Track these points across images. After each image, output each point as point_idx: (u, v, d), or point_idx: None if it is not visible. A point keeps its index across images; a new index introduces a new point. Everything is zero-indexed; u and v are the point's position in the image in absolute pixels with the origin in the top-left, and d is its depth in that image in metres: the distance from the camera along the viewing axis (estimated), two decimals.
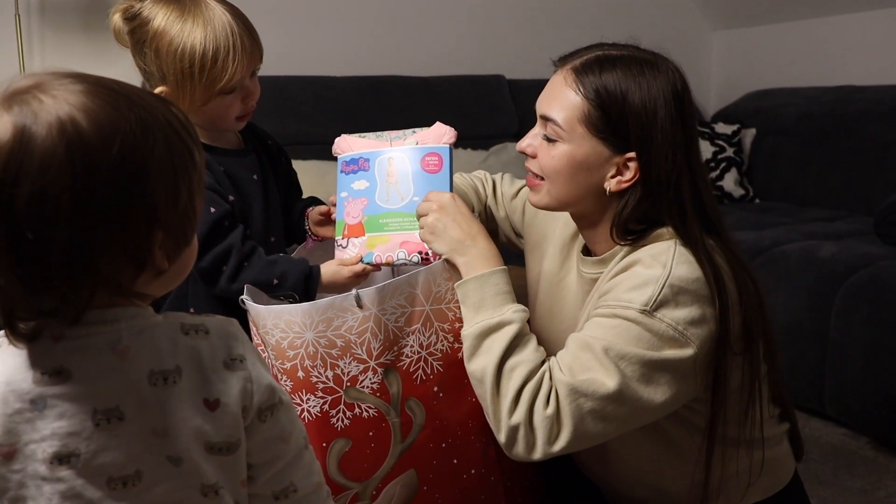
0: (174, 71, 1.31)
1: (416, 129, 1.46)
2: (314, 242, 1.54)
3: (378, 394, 1.24)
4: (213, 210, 1.32)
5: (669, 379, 1.16)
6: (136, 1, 1.34)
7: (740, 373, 1.22)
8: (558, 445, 1.16)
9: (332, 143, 1.47)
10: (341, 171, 1.44)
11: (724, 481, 1.28)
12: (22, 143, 0.72)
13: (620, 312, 1.16)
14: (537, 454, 1.17)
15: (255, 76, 1.40)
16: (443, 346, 1.27)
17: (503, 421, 1.18)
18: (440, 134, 1.44)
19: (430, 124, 1.49)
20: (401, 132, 1.46)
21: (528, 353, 1.20)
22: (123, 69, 1.27)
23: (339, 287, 1.35)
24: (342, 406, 1.23)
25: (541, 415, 1.16)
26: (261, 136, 1.54)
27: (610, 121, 1.20)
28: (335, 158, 1.47)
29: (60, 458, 0.78)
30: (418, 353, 1.25)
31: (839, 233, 3.02)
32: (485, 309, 1.23)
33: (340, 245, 1.40)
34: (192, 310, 1.36)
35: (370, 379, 1.23)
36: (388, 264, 1.37)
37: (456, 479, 1.30)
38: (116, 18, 1.35)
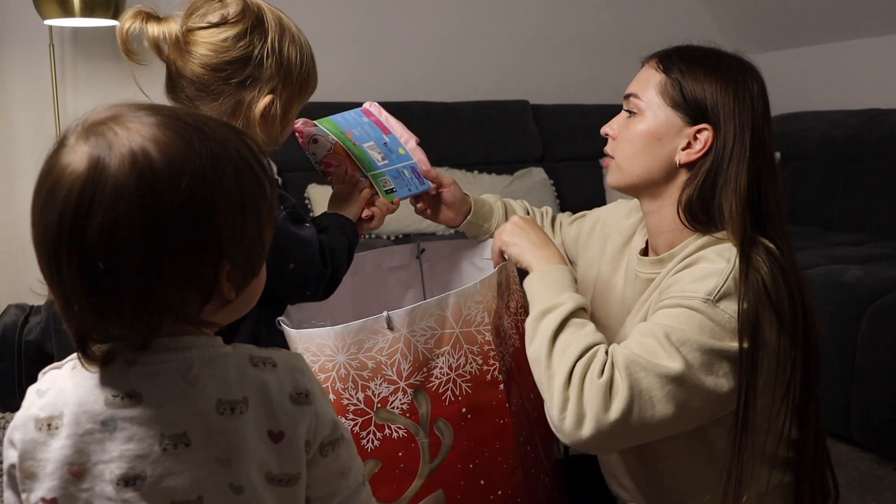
0: (294, 78, 1.30)
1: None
2: None
3: (408, 414, 1.25)
4: (308, 225, 1.33)
5: (728, 371, 1.16)
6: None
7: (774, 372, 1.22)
8: (612, 416, 1.13)
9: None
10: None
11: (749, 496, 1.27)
12: (96, 174, 0.75)
13: (684, 302, 1.19)
14: (587, 428, 1.13)
15: None
16: (472, 368, 1.29)
17: (556, 397, 1.16)
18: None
19: (454, 149, 1.61)
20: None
21: (583, 333, 1.21)
22: (153, 95, 1.26)
23: (355, 206, 1.43)
24: (372, 427, 1.25)
25: (594, 384, 1.14)
26: None
27: (684, 92, 1.29)
28: None
29: (127, 480, 0.80)
30: (447, 374, 1.27)
31: (865, 257, 3.01)
32: (543, 298, 1.27)
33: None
34: None
35: (400, 399, 1.25)
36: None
37: (483, 499, 1.31)
38: (174, 25, 1.23)
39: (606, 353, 1.18)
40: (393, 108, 3.90)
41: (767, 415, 1.23)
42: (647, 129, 1.32)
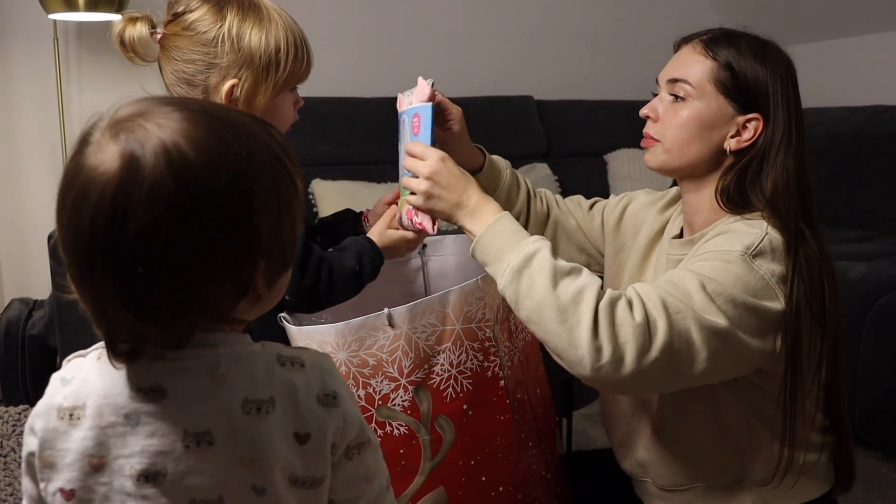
0: (258, 62, 1.25)
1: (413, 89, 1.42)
2: None
3: (409, 411, 1.25)
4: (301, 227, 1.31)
5: (757, 328, 1.17)
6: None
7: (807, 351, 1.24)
8: (652, 355, 1.10)
9: (362, 163, 1.50)
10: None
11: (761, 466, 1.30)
12: (130, 175, 0.71)
13: (720, 256, 1.20)
14: (627, 369, 1.10)
15: None
16: (472, 364, 1.28)
17: (584, 346, 1.10)
18: (421, 93, 1.39)
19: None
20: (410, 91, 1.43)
21: (585, 276, 1.17)
22: (157, 89, 1.26)
23: (394, 251, 1.39)
24: (373, 424, 1.25)
25: (629, 325, 1.10)
26: None
27: (738, 81, 1.30)
28: (365, 179, 1.49)
29: (147, 476, 0.78)
30: (448, 371, 1.27)
31: (869, 254, 3.01)
32: (506, 254, 1.21)
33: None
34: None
35: (401, 397, 1.25)
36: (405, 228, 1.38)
37: (484, 496, 1.31)
38: (141, 27, 1.26)
39: (622, 294, 1.15)
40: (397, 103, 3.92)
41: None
42: (698, 116, 1.32)
